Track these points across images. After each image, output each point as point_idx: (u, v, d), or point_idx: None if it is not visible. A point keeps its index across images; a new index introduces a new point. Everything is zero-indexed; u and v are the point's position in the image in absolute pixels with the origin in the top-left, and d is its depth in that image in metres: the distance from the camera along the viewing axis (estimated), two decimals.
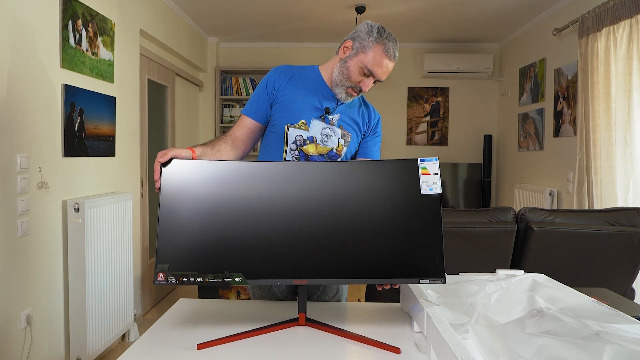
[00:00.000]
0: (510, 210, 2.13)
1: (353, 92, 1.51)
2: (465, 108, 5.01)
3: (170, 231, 1.07)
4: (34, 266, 2.07)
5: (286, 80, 1.55)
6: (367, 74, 1.47)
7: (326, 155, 1.54)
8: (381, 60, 1.45)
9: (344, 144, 1.56)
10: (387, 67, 1.46)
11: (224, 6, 3.76)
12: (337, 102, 1.56)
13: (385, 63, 1.45)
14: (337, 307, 1.34)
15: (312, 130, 1.53)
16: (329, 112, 1.54)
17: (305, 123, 1.53)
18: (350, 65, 1.48)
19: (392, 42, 1.46)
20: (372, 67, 1.45)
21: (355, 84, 1.49)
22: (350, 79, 1.49)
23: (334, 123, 1.55)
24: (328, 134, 1.54)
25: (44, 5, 2.09)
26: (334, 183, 1.11)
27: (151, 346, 1.05)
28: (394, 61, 1.47)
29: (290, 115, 1.53)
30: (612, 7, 2.79)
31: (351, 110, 1.59)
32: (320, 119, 1.54)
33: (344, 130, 1.56)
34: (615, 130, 2.79)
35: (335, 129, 1.55)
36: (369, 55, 1.45)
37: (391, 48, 1.45)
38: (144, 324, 3.18)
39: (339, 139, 1.55)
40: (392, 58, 1.46)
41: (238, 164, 1.13)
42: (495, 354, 0.87)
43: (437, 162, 1.13)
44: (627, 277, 2.13)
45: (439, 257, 1.08)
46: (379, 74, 1.46)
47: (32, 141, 2.04)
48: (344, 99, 1.52)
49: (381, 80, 1.49)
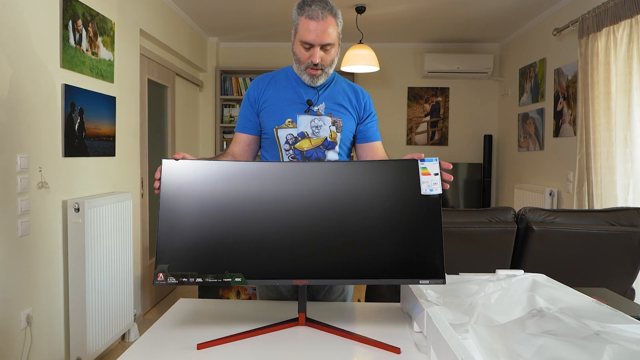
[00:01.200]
0: (510, 210, 2.13)
1: (312, 71, 1.50)
2: (465, 108, 5.01)
3: (170, 231, 1.07)
4: (34, 266, 2.07)
5: (264, 87, 1.59)
6: (306, 46, 1.46)
7: (322, 145, 1.55)
8: (308, 25, 1.44)
9: (337, 130, 1.56)
10: (318, 28, 1.43)
11: (224, 6, 3.76)
12: (317, 92, 1.57)
13: (313, 26, 1.43)
14: (337, 307, 1.34)
15: (301, 126, 1.54)
16: (312, 104, 1.55)
17: (292, 121, 1.55)
18: (295, 49, 1.51)
19: (314, 5, 1.44)
20: (304, 37, 1.45)
21: (306, 61, 1.49)
22: (300, 60, 1.50)
23: (321, 113, 1.56)
24: (317, 124, 1.55)
25: (44, 5, 2.09)
26: (334, 183, 1.11)
27: (151, 346, 1.05)
28: (324, 19, 1.43)
29: (276, 118, 1.55)
30: (612, 7, 2.79)
31: (336, 96, 1.59)
32: (305, 113, 1.55)
33: (334, 117, 1.56)
34: (615, 130, 2.79)
35: (323, 118, 1.55)
36: (300, 29, 1.46)
37: (313, 10, 1.43)
38: (144, 324, 3.18)
39: (330, 126, 1.56)
40: (319, 18, 1.43)
41: (238, 164, 1.13)
42: (495, 354, 0.87)
43: (438, 163, 1.13)
44: (627, 277, 2.13)
45: (439, 257, 1.08)
46: (312, 39, 1.44)
47: (32, 141, 2.04)
48: (311, 81, 1.52)
49: (323, 44, 1.45)
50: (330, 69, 1.53)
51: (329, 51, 1.49)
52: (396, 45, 4.94)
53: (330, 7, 1.46)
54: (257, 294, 1.62)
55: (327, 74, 1.53)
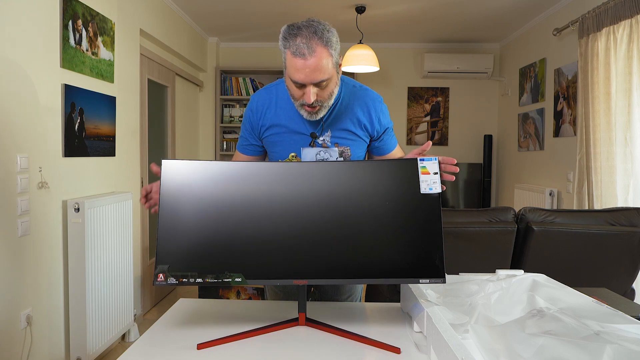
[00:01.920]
0: (510, 210, 2.13)
1: (309, 109, 1.31)
2: (465, 108, 5.01)
3: (170, 231, 1.07)
4: (34, 266, 2.07)
5: (265, 109, 1.43)
6: (297, 85, 1.27)
7: None
8: (294, 64, 1.22)
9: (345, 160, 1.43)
10: (307, 67, 1.21)
11: (224, 6, 3.76)
12: (321, 122, 1.39)
13: (300, 64, 1.21)
14: (337, 307, 1.34)
15: (306, 160, 1.42)
16: (316, 137, 1.40)
17: (296, 155, 1.42)
18: (287, 84, 1.32)
19: (300, 37, 1.21)
20: (294, 77, 1.24)
21: (300, 99, 1.30)
22: (294, 97, 1.31)
23: (327, 144, 1.40)
24: (324, 157, 1.41)
25: (44, 5, 2.09)
26: (334, 183, 1.11)
27: (151, 346, 1.05)
28: (312, 55, 1.20)
29: (279, 151, 1.44)
30: (612, 7, 2.79)
31: (343, 121, 1.41)
32: (310, 146, 1.41)
33: (341, 147, 1.41)
34: (615, 130, 2.79)
35: (330, 150, 1.41)
36: (287, 66, 1.25)
37: (299, 45, 1.20)
38: (144, 324, 3.18)
39: (337, 158, 1.42)
40: (306, 55, 1.20)
41: (238, 164, 1.13)
42: (495, 354, 0.87)
43: (437, 162, 1.13)
44: (627, 277, 2.13)
45: (439, 257, 1.08)
46: (302, 79, 1.23)
47: (32, 141, 2.04)
48: (309, 117, 1.34)
49: (314, 82, 1.24)
50: (329, 101, 1.32)
51: (326, 86, 1.27)
52: (396, 45, 4.94)
53: (319, 34, 1.21)
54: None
55: (327, 107, 1.33)
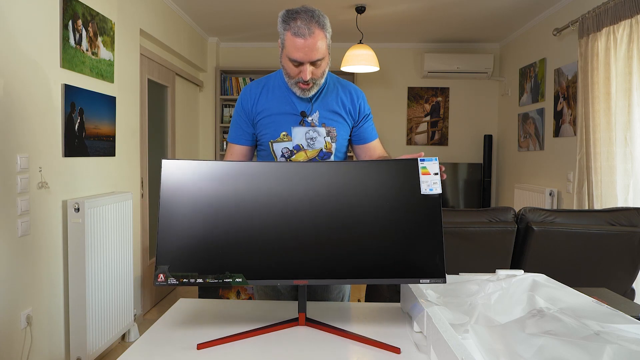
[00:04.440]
0: (510, 210, 2.13)
1: (303, 86, 1.46)
2: (465, 108, 5.01)
3: (170, 231, 1.07)
4: (34, 266, 2.07)
5: (257, 96, 1.55)
6: (295, 64, 1.42)
7: (317, 157, 1.55)
8: (295, 43, 1.38)
9: (331, 140, 1.55)
10: (306, 46, 1.37)
11: (224, 6, 3.76)
12: (310, 100, 1.54)
13: (300, 44, 1.37)
14: (337, 307, 1.34)
15: (296, 139, 1.53)
16: (306, 115, 1.53)
17: (287, 134, 1.53)
18: (284, 63, 1.46)
19: (300, 20, 1.37)
20: (292, 55, 1.40)
21: (296, 76, 1.44)
22: (290, 74, 1.46)
23: (315, 123, 1.53)
24: (312, 136, 1.53)
25: (44, 5, 2.09)
26: (334, 183, 1.11)
27: (151, 346, 1.05)
28: (311, 35, 1.37)
29: (271, 131, 1.54)
30: (612, 7, 2.79)
31: (330, 103, 1.56)
32: (300, 125, 1.53)
33: (328, 127, 1.54)
34: (615, 130, 2.79)
35: (318, 129, 1.54)
36: (287, 45, 1.41)
37: (300, 27, 1.37)
38: (144, 324, 3.18)
39: (325, 137, 1.54)
40: (306, 35, 1.36)
41: (238, 164, 1.13)
42: (495, 354, 0.87)
43: (437, 162, 1.13)
44: (627, 277, 2.13)
45: (439, 257, 1.08)
46: (301, 57, 1.39)
47: (32, 141, 2.04)
48: (303, 94, 1.49)
49: (312, 60, 1.40)
50: (321, 80, 1.48)
51: (320, 65, 1.44)
52: (396, 45, 4.94)
53: (316, 18, 1.39)
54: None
55: (319, 84, 1.49)
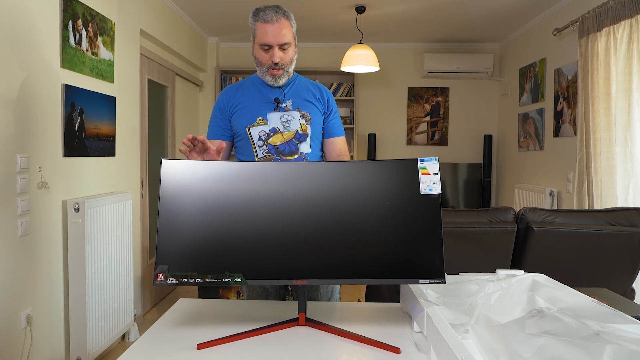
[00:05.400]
0: (510, 210, 2.13)
1: (274, 71, 1.60)
2: (465, 108, 5.01)
3: (170, 231, 1.07)
4: (34, 266, 2.07)
5: (233, 94, 1.70)
6: (265, 48, 1.58)
7: (294, 138, 1.63)
8: (265, 29, 1.55)
9: (306, 122, 1.66)
10: (274, 30, 1.54)
11: (224, 6, 3.76)
12: (283, 91, 1.68)
13: (269, 29, 1.55)
14: (337, 307, 1.34)
15: (272, 122, 1.64)
16: (280, 102, 1.66)
17: (262, 118, 1.65)
18: (255, 53, 1.62)
19: (267, 9, 1.56)
20: (263, 40, 1.56)
21: (267, 63, 1.59)
22: (261, 62, 1.61)
23: (289, 108, 1.66)
24: (287, 119, 1.65)
25: (44, 5, 2.09)
26: (333, 183, 1.11)
27: (151, 346, 1.05)
28: (278, 21, 1.55)
29: (247, 118, 1.65)
30: (612, 7, 2.79)
31: (302, 92, 1.70)
32: (274, 111, 1.65)
33: (302, 111, 1.67)
34: (615, 130, 2.79)
35: (292, 112, 1.66)
36: (257, 34, 1.58)
37: (267, 14, 1.55)
38: (144, 324, 3.18)
39: (299, 120, 1.66)
40: (273, 20, 1.54)
41: (238, 164, 1.13)
42: (495, 354, 0.87)
43: (437, 162, 1.13)
44: (627, 277, 2.13)
45: (439, 257, 1.08)
46: (270, 40, 1.55)
47: (32, 141, 2.04)
48: (274, 81, 1.62)
49: (280, 43, 1.56)
50: (290, 67, 1.63)
51: (287, 50, 1.60)
52: (396, 45, 4.94)
53: (282, 10, 1.57)
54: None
55: (289, 73, 1.64)
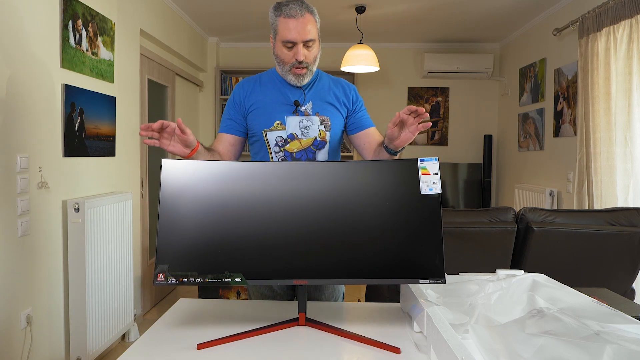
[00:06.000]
0: (510, 210, 2.13)
1: (297, 70, 1.50)
2: (465, 108, 5.01)
3: (170, 231, 1.07)
4: (34, 266, 2.07)
5: (250, 89, 1.58)
6: (289, 45, 1.46)
7: (312, 145, 1.55)
8: (287, 24, 1.44)
9: (325, 129, 1.56)
10: (298, 26, 1.44)
11: (224, 6, 3.75)
12: (303, 91, 1.56)
13: (293, 24, 1.44)
14: (337, 307, 1.34)
15: (290, 127, 1.54)
16: (299, 105, 1.55)
17: (280, 123, 1.54)
18: (277, 51, 1.50)
19: (290, 3, 1.45)
20: (286, 36, 1.45)
21: (290, 61, 1.48)
22: (284, 61, 1.49)
23: (308, 112, 1.55)
24: (306, 125, 1.55)
25: (44, 5, 2.09)
26: (334, 183, 1.11)
27: (151, 346, 1.05)
28: (302, 16, 1.44)
29: (264, 120, 1.55)
30: (612, 7, 2.79)
31: (323, 93, 1.59)
32: (293, 114, 1.55)
33: (321, 116, 1.56)
34: (615, 130, 2.79)
35: (311, 117, 1.55)
36: (280, 30, 1.46)
37: (291, 9, 1.44)
38: (144, 324, 3.18)
39: (319, 126, 1.55)
40: (297, 15, 1.44)
41: (238, 164, 1.13)
42: (495, 354, 0.87)
43: (437, 162, 1.13)
44: (627, 277, 2.13)
45: (439, 257, 1.08)
46: (294, 37, 1.44)
47: (32, 141, 2.04)
48: (297, 81, 1.51)
49: (305, 40, 1.46)
50: (313, 66, 1.52)
51: (311, 48, 1.49)
52: (396, 45, 4.94)
53: (306, 5, 1.47)
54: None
55: (312, 71, 1.53)
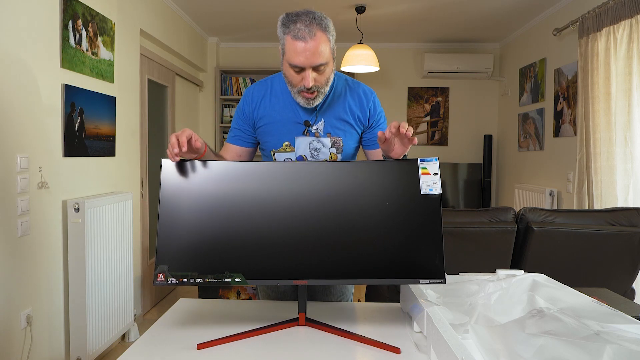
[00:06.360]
0: (510, 210, 2.13)
1: (306, 94, 1.34)
2: (465, 108, 5.01)
3: (170, 231, 1.07)
4: (34, 266, 2.07)
5: (259, 100, 1.46)
6: (296, 70, 1.31)
7: None
8: (295, 47, 1.27)
9: (337, 151, 1.45)
10: (307, 50, 1.26)
11: (224, 6, 3.75)
12: (315, 109, 1.42)
13: (301, 47, 1.26)
14: (337, 307, 1.34)
15: (299, 149, 1.44)
16: (310, 125, 1.42)
17: (289, 144, 1.44)
18: (284, 70, 1.36)
19: (300, 22, 1.27)
20: (293, 61, 1.28)
21: (298, 84, 1.33)
22: (292, 83, 1.34)
23: (319, 133, 1.43)
24: (316, 147, 1.44)
25: (44, 5, 2.09)
26: (334, 183, 1.11)
27: (151, 346, 1.05)
28: (312, 38, 1.26)
29: (273, 140, 1.45)
30: (612, 7, 2.79)
31: (337, 110, 1.44)
32: (304, 135, 1.43)
33: (333, 137, 1.44)
34: (615, 130, 2.79)
35: (322, 139, 1.43)
36: (287, 50, 1.30)
37: (300, 29, 1.26)
38: (144, 324, 3.18)
39: (330, 148, 1.44)
40: (306, 38, 1.26)
41: (238, 164, 1.13)
42: (495, 354, 0.87)
43: (437, 162, 1.13)
44: (627, 277, 2.13)
45: (439, 257, 1.08)
46: (302, 62, 1.27)
47: (32, 141, 2.04)
48: (306, 104, 1.37)
49: (314, 65, 1.28)
50: (326, 87, 1.36)
51: (323, 71, 1.32)
52: (396, 45, 4.94)
53: (318, 20, 1.28)
54: (257, 294, 1.61)
55: (324, 93, 1.37)
